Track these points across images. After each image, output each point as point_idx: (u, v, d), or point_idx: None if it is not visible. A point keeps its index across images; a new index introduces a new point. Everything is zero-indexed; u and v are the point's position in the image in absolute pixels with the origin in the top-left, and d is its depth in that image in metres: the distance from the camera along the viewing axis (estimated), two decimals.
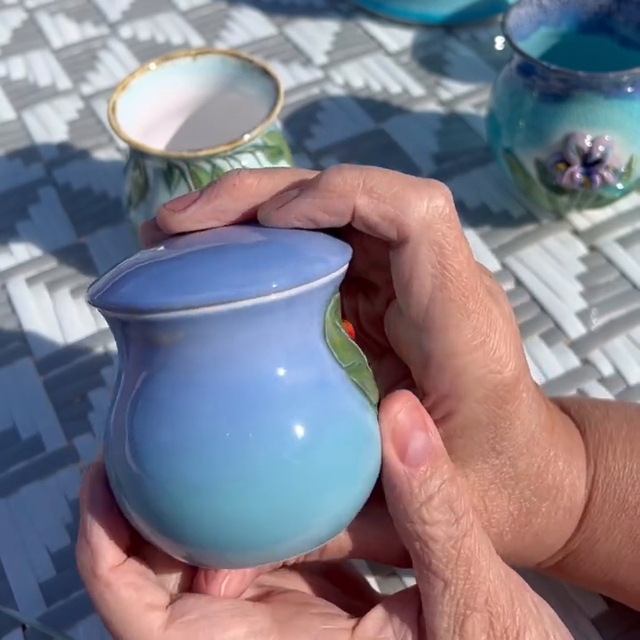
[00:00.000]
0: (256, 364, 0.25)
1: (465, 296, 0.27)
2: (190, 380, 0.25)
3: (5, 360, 0.50)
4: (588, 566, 0.33)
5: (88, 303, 0.28)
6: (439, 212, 0.27)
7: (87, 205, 0.59)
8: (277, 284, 0.25)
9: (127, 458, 0.26)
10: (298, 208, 0.27)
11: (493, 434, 0.30)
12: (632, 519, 0.32)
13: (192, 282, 0.25)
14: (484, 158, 0.59)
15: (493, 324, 0.28)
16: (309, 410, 0.25)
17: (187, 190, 0.46)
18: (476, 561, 0.27)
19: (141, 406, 0.26)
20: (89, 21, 0.74)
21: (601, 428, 0.34)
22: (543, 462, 0.31)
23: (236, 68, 0.50)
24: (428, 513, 0.27)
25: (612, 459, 0.33)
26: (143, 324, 0.25)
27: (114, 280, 0.26)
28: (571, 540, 0.33)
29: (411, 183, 0.27)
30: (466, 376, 0.28)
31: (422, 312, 0.28)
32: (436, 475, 0.28)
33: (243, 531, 0.25)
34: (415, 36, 0.70)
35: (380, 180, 0.27)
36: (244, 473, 0.25)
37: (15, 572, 0.41)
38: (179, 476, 0.25)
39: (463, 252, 0.28)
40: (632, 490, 0.32)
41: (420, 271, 0.27)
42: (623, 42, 0.51)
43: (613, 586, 0.34)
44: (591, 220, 0.54)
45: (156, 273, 0.26)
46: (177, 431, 0.25)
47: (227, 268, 0.25)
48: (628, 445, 0.33)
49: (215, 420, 0.25)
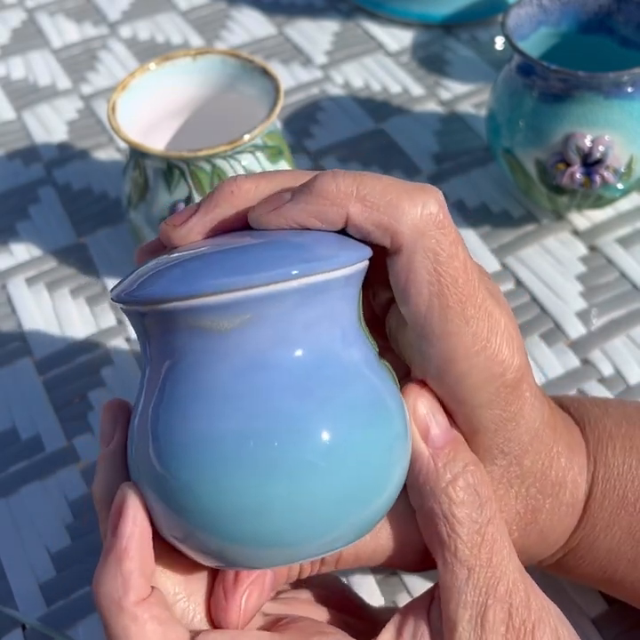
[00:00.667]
0: (318, 345, 0.26)
1: (462, 302, 0.27)
2: (251, 364, 0.25)
3: (5, 360, 0.50)
4: (588, 563, 0.33)
5: (122, 303, 0.27)
6: (433, 218, 0.27)
7: (87, 205, 0.59)
8: (338, 262, 0.25)
9: (161, 456, 0.25)
10: (290, 213, 0.27)
11: (500, 438, 0.30)
12: (631, 515, 0.32)
13: (248, 265, 0.25)
14: (484, 158, 0.59)
15: (494, 327, 0.28)
16: (358, 393, 0.26)
17: (187, 191, 0.46)
18: (499, 550, 0.28)
19: (165, 399, 0.25)
20: (89, 21, 0.74)
21: (600, 425, 0.34)
22: (547, 459, 0.31)
23: (235, 68, 0.50)
24: (454, 491, 0.28)
25: (611, 455, 0.33)
26: (193, 312, 0.25)
27: (147, 276, 0.26)
28: (571, 536, 0.33)
29: (404, 190, 0.27)
30: (467, 380, 0.28)
31: (421, 319, 0.28)
32: (459, 457, 0.28)
33: (271, 527, 0.25)
34: (415, 35, 0.70)
35: (373, 187, 0.27)
36: (270, 466, 0.24)
37: (15, 573, 0.41)
38: (203, 470, 0.25)
39: (459, 258, 0.27)
40: (631, 486, 0.32)
41: (416, 279, 0.27)
42: (623, 42, 0.51)
43: (613, 583, 0.34)
44: (591, 220, 0.54)
45: (198, 264, 0.25)
46: (201, 422, 0.25)
47: (276, 254, 0.25)
48: (627, 442, 0.33)
49: (244, 410, 0.25)
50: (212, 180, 0.46)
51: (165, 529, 0.27)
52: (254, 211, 0.28)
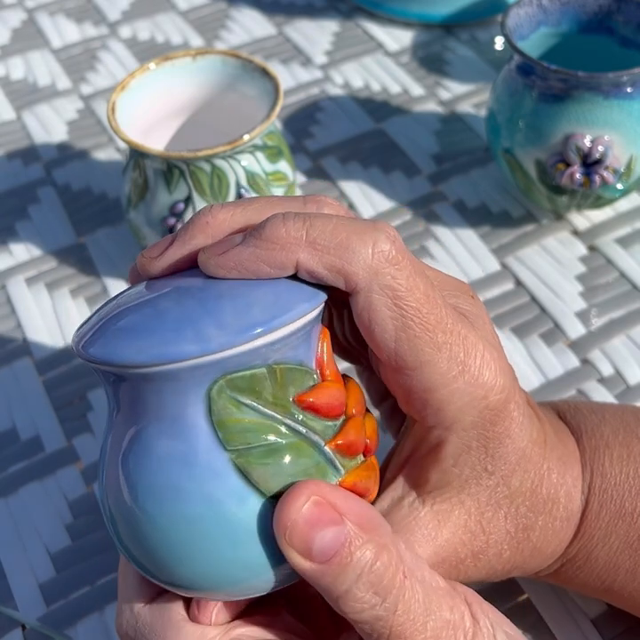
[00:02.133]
0: (143, 429, 0.27)
1: (430, 330, 0.27)
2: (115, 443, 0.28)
3: (5, 360, 0.50)
4: (586, 573, 0.33)
5: (78, 355, 0.29)
6: (385, 256, 0.26)
7: (87, 205, 0.59)
8: (150, 358, 0.25)
9: (117, 500, 0.27)
10: (239, 257, 0.26)
11: (484, 454, 0.30)
12: (629, 525, 0.32)
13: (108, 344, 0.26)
14: (484, 158, 0.59)
15: (471, 350, 0.28)
16: (171, 484, 0.26)
17: (186, 191, 0.46)
18: (411, 634, 0.26)
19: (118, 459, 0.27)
20: (89, 21, 0.74)
21: (597, 434, 0.33)
22: (537, 478, 0.31)
23: (235, 68, 0.50)
24: (347, 606, 0.26)
25: (608, 464, 0.32)
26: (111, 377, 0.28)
27: (90, 332, 0.28)
28: (568, 547, 0.33)
29: (354, 230, 0.26)
30: (449, 407, 0.28)
31: (392, 354, 0.27)
32: (353, 562, 0.26)
33: (195, 571, 0.27)
34: (415, 35, 0.70)
35: (323, 229, 0.26)
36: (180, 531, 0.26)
37: (15, 573, 0.41)
38: (150, 522, 0.26)
39: (419, 289, 0.27)
40: (629, 496, 0.32)
41: (378, 317, 0.27)
42: (623, 42, 0.51)
43: (611, 593, 0.33)
44: (591, 221, 0.54)
45: (119, 325, 0.27)
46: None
47: (145, 331, 0.26)
48: (624, 450, 0.33)
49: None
50: (212, 181, 0.46)
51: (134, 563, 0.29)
52: (204, 252, 0.27)
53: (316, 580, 0.26)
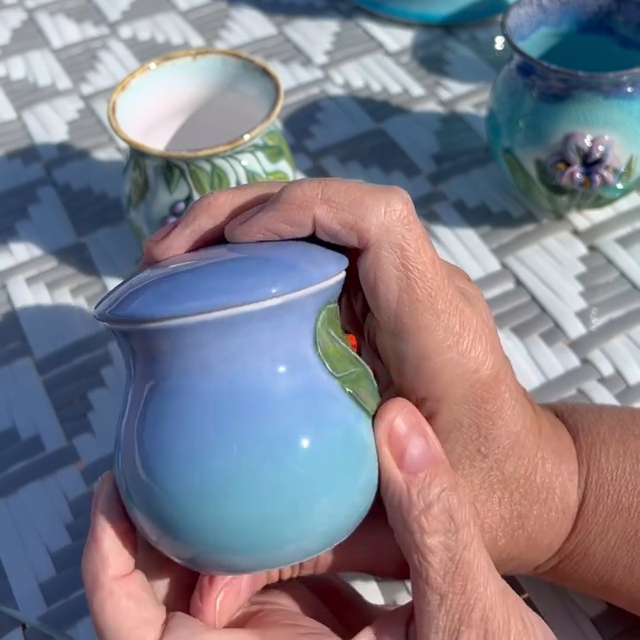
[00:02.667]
0: (247, 372, 0.26)
1: (432, 296, 0.28)
2: (186, 389, 0.26)
3: (5, 360, 0.50)
4: (584, 570, 0.33)
5: (97, 319, 0.29)
6: (397, 215, 0.27)
7: (87, 205, 0.59)
8: (268, 292, 0.25)
9: (135, 466, 0.26)
10: (260, 221, 0.28)
11: (477, 434, 0.30)
12: (626, 520, 0.32)
13: (185, 292, 0.25)
14: (484, 158, 0.59)
15: (466, 323, 0.28)
16: (298, 417, 0.26)
17: (187, 190, 0.46)
18: (474, 576, 0.27)
19: (146, 416, 0.26)
20: (89, 21, 0.74)
21: (594, 431, 0.34)
22: (530, 465, 0.31)
23: (236, 68, 0.50)
24: (426, 521, 0.27)
25: (604, 460, 0.33)
26: (143, 335, 0.26)
27: (119, 296, 0.27)
28: (566, 542, 0.33)
29: (368, 191, 0.27)
30: (442, 377, 0.28)
31: (392, 315, 0.28)
32: (436, 482, 0.27)
33: (243, 535, 0.26)
34: (415, 35, 0.70)
35: (337, 189, 0.27)
36: (237, 479, 0.25)
37: (15, 572, 0.41)
38: (182, 483, 0.26)
39: (426, 254, 0.28)
40: (625, 491, 0.32)
41: (384, 275, 0.27)
42: (623, 42, 0.51)
43: (609, 589, 0.34)
44: (591, 220, 0.54)
45: (151, 288, 0.26)
46: (177, 440, 0.26)
47: (219, 278, 0.26)
48: (620, 447, 0.33)
49: (206, 428, 0.26)
50: (213, 180, 0.46)
51: (147, 534, 0.28)
52: (229, 225, 0.29)
53: (401, 492, 0.27)
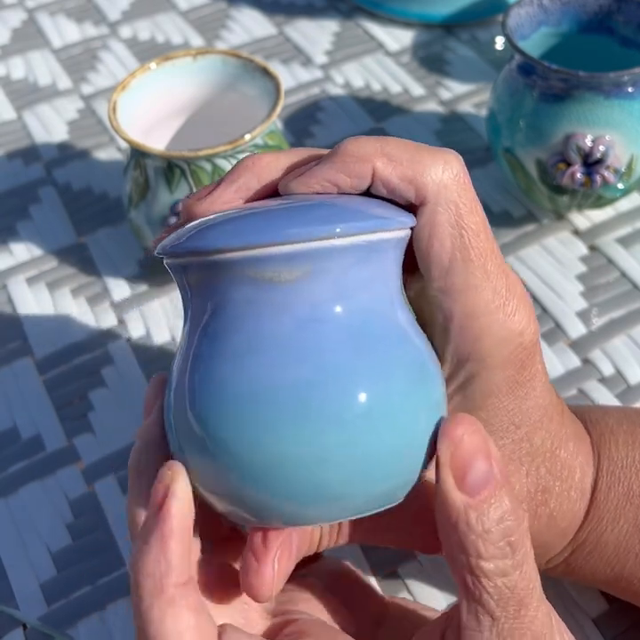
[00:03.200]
0: (372, 303, 0.26)
1: (484, 257, 0.28)
2: (300, 317, 0.25)
3: (5, 360, 0.50)
4: (596, 559, 0.33)
5: (173, 254, 0.27)
6: (454, 174, 0.28)
7: (87, 205, 0.59)
8: (396, 222, 0.26)
9: (189, 409, 0.25)
10: (320, 172, 0.28)
11: (512, 404, 0.30)
12: (637, 508, 0.32)
13: (309, 219, 0.25)
14: (484, 158, 0.59)
15: (512, 287, 0.29)
16: (373, 362, 0.25)
17: (187, 190, 0.46)
18: (529, 601, 0.26)
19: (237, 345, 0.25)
20: (89, 21, 0.74)
21: (602, 422, 0.34)
22: (556, 440, 0.32)
23: (236, 68, 0.50)
24: (484, 547, 0.26)
25: (614, 449, 0.33)
26: (254, 262, 0.25)
27: (202, 228, 0.26)
28: (579, 530, 0.33)
29: (426, 149, 0.28)
30: (487, 337, 0.29)
31: (443, 272, 0.28)
32: (496, 506, 0.26)
33: (322, 480, 0.25)
34: (415, 35, 0.70)
35: (396, 145, 0.28)
36: (307, 422, 0.24)
37: (15, 572, 0.41)
38: (252, 421, 0.25)
39: (479, 214, 0.28)
40: (636, 478, 0.33)
41: (439, 232, 0.28)
42: (623, 42, 0.51)
43: (620, 580, 0.34)
44: (591, 220, 0.54)
45: (257, 217, 0.25)
46: (240, 380, 0.25)
47: (334, 212, 0.26)
48: (629, 437, 0.33)
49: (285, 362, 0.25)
50: (213, 180, 0.46)
51: (208, 488, 0.27)
52: (285, 178, 0.28)
53: (458, 514, 0.26)
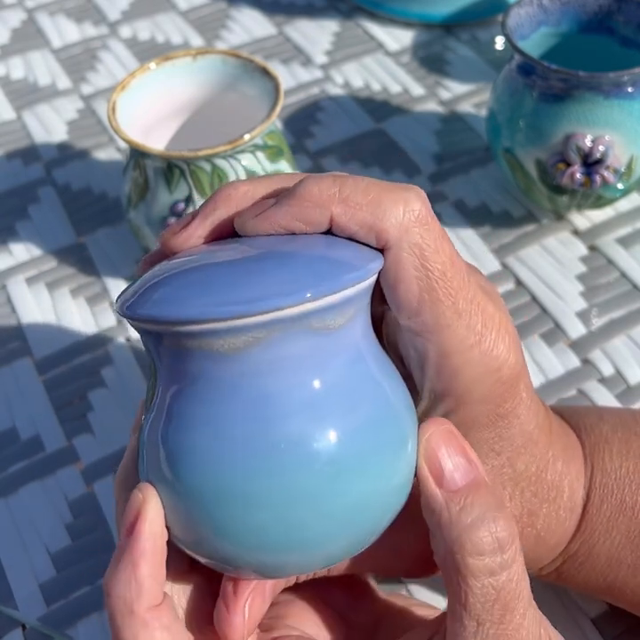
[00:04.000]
0: (334, 364, 0.26)
1: (453, 295, 0.27)
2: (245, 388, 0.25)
3: (5, 360, 0.50)
4: (588, 570, 0.33)
5: (126, 316, 0.27)
6: (415, 215, 0.27)
7: (87, 205, 0.59)
8: (358, 276, 0.25)
9: (163, 468, 0.26)
10: (274, 217, 0.27)
11: (492, 434, 0.30)
12: (630, 520, 0.32)
13: (243, 289, 0.24)
14: (484, 158, 0.59)
15: (489, 322, 0.28)
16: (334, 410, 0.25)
17: (187, 190, 0.46)
18: (515, 606, 0.26)
19: (182, 415, 0.26)
20: (89, 21, 0.74)
21: (596, 430, 0.34)
22: (542, 463, 0.31)
23: (236, 68, 0.50)
24: (469, 541, 0.26)
25: (608, 460, 0.33)
26: (187, 336, 0.25)
27: (144, 291, 0.26)
28: (570, 542, 0.33)
29: (386, 189, 0.27)
30: (463, 375, 0.28)
31: (413, 314, 0.28)
32: (480, 499, 0.26)
33: (279, 536, 0.25)
34: (415, 35, 0.70)
35: (355, 187, 0.27)
36: (270, 482, 0.25)
37: (15, 573, 0.41)
38: (214, 483, 0.25)
39: (445, 253, 0.27)
40: (629, 490, 0.32)
41: (404, 275, 0.27)
42: (623, 42, 0.51)
43: (613, 590, 0.33)
44: (591, 220, 0.54)
45: (194, 281, 0.25)
46: (211, 437, 0.25)
47: (258, 276, 0.25)
48: (623, 446, 0.33)
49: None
50: (213, 180, 0.46)
51: (176, 534, 0.27)
52: (239, 217, 0.28)
53: (441, 510, 0.26)
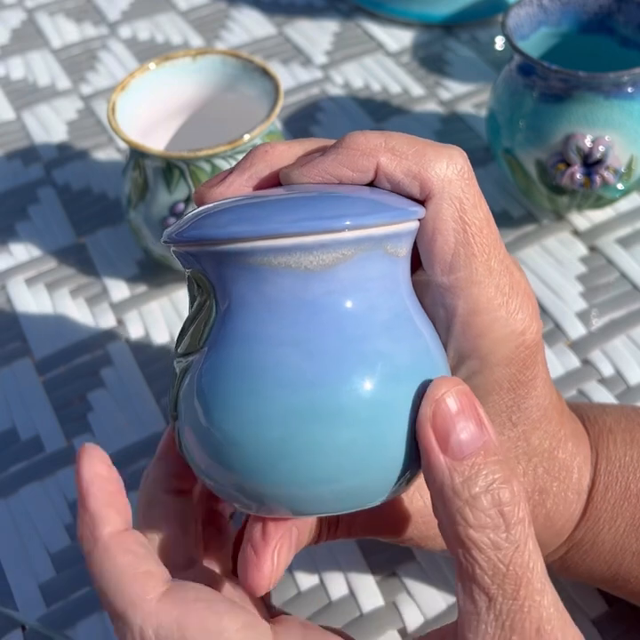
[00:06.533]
0: (387, 294, 0.26)
1: (487, 253, 0.28)
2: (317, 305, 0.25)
3: (5, 360, 0.50)
4: (592, 558, 0.33)
5: (178, 242, 0.26)
6: (458, 169, 0.28)
7: (87, 206, 0.58)
8: (415, 212, 0.27)
9: (236, 390, 0.26)
10: (322, 164, 0.27)
11: (511, 402, 0.30)
12: (634, 507, 0.32)
13: (337, 208, 0.25)
14: (484, 158, 0.59)
15: (515, 285, 0.29)
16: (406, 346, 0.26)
17: (187, 191, 0.46)
18: (528, 581, 0.24)
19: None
20: (88, 21, 0.74)
21: (600, 421, 0.34)
22: (555, 440, 0.32)
23: (235, 68, 0.50)
24: (471, 514, 0.24)
25: (612, 448, 0.33)
26: (277, 252, 0.25)
27: (213, 214, 0.26)
28: (575, 529, 0.33)
29: (430, 144, 0.28)
30: (489, 335, 0.29)
31: (446, 268, 0.28)
32: (485, 472, 0.25)
33: (312, 468, 0.25)
34: (415, 35, 0.70)
35: (400, 140, 0.28)
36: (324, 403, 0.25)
37: (15, 573, 0.41)
38: (253, 406, 0.25)
39: (483, 210, 0.28)
40: (634, 478, 0.33)
41: (442, 226, 0.28)
42: (623, 42, 0.51)
43: (617, 579, 0.34)
44: (591, 221, 0.54)
45: (274, 206, 0.26)
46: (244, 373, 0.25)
47: (355, 202, 0.26)
48: (627, 435, 0.33)
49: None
50: None
51: (212, 477, 0.27)
52: (286, 168, 0.28)
53: (443, 479, 0.25)
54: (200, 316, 0.27)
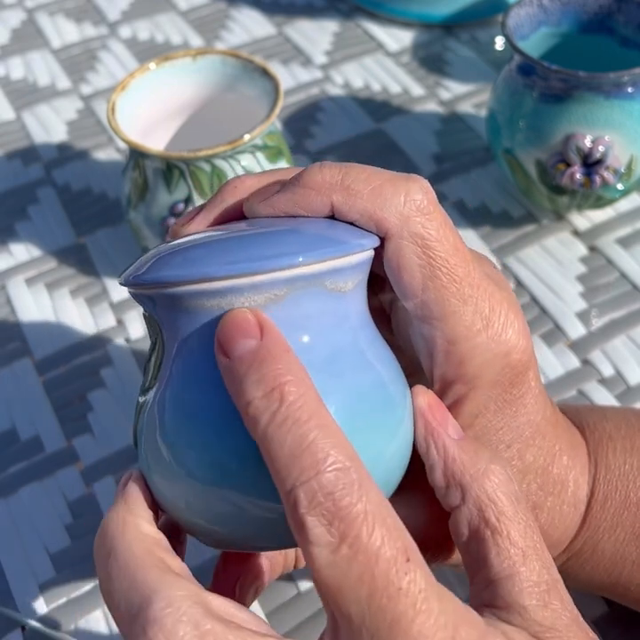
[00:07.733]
0: (327, 331, 0.26)
1: (457, 282, 0.28)
2: None
3: (5, 360, 0.50)
4: (592, 567, 0.33)
5: (132, 286, 0.27)
6: (417, 205, 0.27)
7: (86, 206, 0.58)
8: (357, 246, 0.26)
9: (189, 428, 0.26)
10: (278, 203, 0.28)
11: (501, 423, 0.30)
12: (634, 516, 0.32)
13: (269, 248, 0.25)
14: (484, 158, 0.59)
15: (497, 307, 0.29)
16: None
17: (186, 191, 0.46)
18: (539, 534, 0.27)
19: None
20: (88, 21, 0.74)
21: (600, 427, 0.34)
22: (549, 456, 0.31)
23: (235, 69, 0.50)
24: (494, 474, 0.27)
25: (612, 456, 0.33)
26: (209, 295, 0.25)
27: (161, 259, 0.26)
28: (575, 539, 0.33)
29: (389, 179, 0.27)
30: (472, 361, 0.28)
31: (418, 302, 0.28)
32: (482, 446, 0.28)
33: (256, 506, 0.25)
34: (415, 35, 0.70)
35: (357, 176, 0.27)
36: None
37: (15, 573, 0.41)
38: (187, 447, 0.25)
39: (448, 241, 0.28)
40: (633, 486, 0.32)
41: (406, 264, 0.27)
42: (623, 42, 0.51)
43: (617, 587, 0.33)
44: (591, 221, 0.54)
45: (215, 248, 0.26)
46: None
47: (298, 239, 0.26)
48: (627, 443, 0.33)
49: None
50: (212, 181, 0.46)
51: (170, 505, 0.27)
52: (247, 201, 0.29)
53: (454, 450, 0.27)
54: (154, 354, 0.28)
